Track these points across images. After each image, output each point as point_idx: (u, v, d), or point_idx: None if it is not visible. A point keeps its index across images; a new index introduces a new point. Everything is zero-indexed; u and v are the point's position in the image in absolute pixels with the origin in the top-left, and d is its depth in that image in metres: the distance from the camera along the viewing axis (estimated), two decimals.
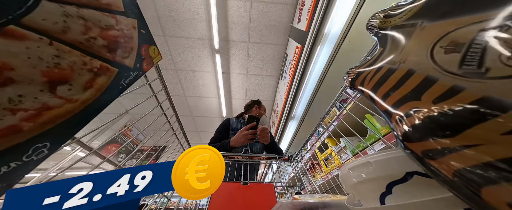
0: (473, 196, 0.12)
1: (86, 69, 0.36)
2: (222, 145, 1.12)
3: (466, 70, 0.14)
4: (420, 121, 0.16)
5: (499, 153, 0.11)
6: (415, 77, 0.18)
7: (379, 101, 0.22)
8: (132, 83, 0.48)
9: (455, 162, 0.13)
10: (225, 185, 0.86)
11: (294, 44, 2.45)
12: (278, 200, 0.79)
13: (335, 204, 0.39)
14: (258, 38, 2.89)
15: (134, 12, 0.49)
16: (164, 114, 0.83)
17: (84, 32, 0.35)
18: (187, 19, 2.53)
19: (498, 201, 0.11)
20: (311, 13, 1.69)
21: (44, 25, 0.29)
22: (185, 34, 2.70)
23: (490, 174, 0.11)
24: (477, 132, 0.12)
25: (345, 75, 0.33)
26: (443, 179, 0.14)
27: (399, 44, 0.23)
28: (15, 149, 0.27)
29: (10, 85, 0.26)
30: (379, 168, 0.26)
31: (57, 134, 0.32)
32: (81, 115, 0.35)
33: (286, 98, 2.70)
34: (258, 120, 1.09)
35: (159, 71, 0.72)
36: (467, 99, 0.13)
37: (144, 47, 0.52)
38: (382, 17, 0.29)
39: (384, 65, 0.24)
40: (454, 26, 0.17)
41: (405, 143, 0.18)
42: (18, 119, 0.26)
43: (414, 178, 0.23)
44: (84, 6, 0.36)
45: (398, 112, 0.19)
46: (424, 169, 0.16)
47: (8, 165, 0.26)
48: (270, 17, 2.67)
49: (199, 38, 2.75)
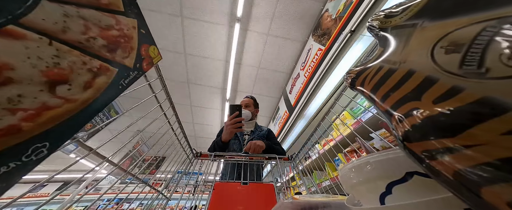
0: (473, 196, 0.12)
1: (86, 69, 0.36)
2: (216, 143, 1.14)
3: (466, 71, 0.14)
4: (420, 121, 0.16)
5: (499, 153, 0.11)
6: (415, 77, 0.18)
7: (379, 101, 0.22)
8: (132, 83, 0.48)
9: (455, 162, 0.13)
10: (225, 185, 0.86)
11: (283, 107, 3.04)
12: (278, 199, 0.79)
13: (335, 204, 0.39)
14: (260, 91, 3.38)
15: (134, 12, 0.49)
16: (164, 114, 0.82)
17: (84, 32, 0.35)
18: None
19: (498, 201, 0.11)
20: (299, 96, 2.17)
21: (43, 25, 0.29)
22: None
23: (490, 174, 0.11)
24: (477, 132, 0.12)
25: (345, 75, 0.33)
26: (443, 179, 0.15)
27: (399, 44, 0.23)
28: (14, 149, 0.26)
29: (10, 85, 0.26)
30: (379, 168, 0.26)
31: (57, 134, 0.32)
32: (81, 115, 0.35)
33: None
34: (240, 107, 1.09)
35: (159, 71, 0.72)
36: (467, 100, 0.13)
37: (144, 47, 0.52)
38: (383, 17, 0.29)
39: (384, 66, 0.24)
40: (454, 26, 0.17)
41: (405, 143, 0.18)
42: (17, 118, 0.26)
43: (414, 178, 0.23)
44: (84, 6, 0.36)
45: (398, 112, 0.19)
46: (424, 169, 0.16)
47: (7, 165, 0.26)
48: (269, 79, 3.06)
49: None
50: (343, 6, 1.88)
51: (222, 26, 2.39)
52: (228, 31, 2.46)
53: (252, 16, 2.26)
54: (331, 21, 2.06)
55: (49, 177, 0.41)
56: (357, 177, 0.28)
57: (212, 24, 2.38)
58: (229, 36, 2.50)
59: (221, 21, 2.33)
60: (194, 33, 2.45)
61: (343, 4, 1.88)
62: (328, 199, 0.43)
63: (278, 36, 2.41)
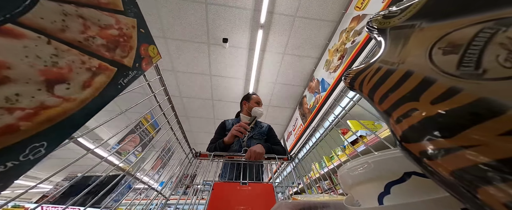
0: (470, 196, 0.12)
1: (85, 68, 0.36)
2: (218, 144, 1.15)
3: (464, 72, 0.14)
4: (418, 121, 0.16)
5: (495, 154, 0.11)
6: (414, 78, 0.18)
7: (378, 102, 0.22)
8: (131, 82, 0.47)
9: (452, 162, 0.13)
10: (225, 184, 0.86)
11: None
12: (277, 199, 0.79)
13: (334, 204, 0.39)
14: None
15: (134, 11, 0.49)
16: (163, 113, 0.82)
17: (82, 31, 0.35)
18: None
19: (495, 201, 0.11)
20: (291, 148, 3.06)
21: (42, 24, 0.29)
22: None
23: (487, 175, 0.11)
24: (474, 133, 0.12)
25: (344, 75, 0.33)
26: (440, 179, 0.15)
27: (398, 45, 0.23)
28: (12, 149, 0.26)
29: (7, 84, 0.25)
30: (377, 168, 0.26)
31: (55, 133, 0.32)
32: (79, 114, 0.35)
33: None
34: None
35: (159, 70, 0.72)
36: (465, 101, 0.13)
37: (144, 47, 0.52)
38: (381, 18, 0.29)
39: (383, 66, 0.24)
40: (452, 27, 0.17)
41: (403, 143, 0.18)
42: (15, 118, 0.26)
43: (412, 178, 0.23)
44: (83, 5, 0.35)
45: (396, 113, 0.19)
46: (421, 169, 0.16)
47: (4, 164, 0.26)
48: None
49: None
50: (312, 104, 2.53)
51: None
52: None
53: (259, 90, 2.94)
54: (307, 108, 2.76)
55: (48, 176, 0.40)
56: (355, 177, 0.29)
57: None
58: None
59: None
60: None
61: (313, 102, 2.52)
62: (327, 199, 0.43)
63: (276, 106, 3.38)
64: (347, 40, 1.83)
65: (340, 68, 1.89)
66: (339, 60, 1.92)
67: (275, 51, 2.32)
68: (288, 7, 1.83)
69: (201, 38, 2.24)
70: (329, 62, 2.14)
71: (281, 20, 1.96)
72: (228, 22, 2.04)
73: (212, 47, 2.35)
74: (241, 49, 2.33)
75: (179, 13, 2.00)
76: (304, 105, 2.84)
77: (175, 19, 2.06)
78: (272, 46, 2.27)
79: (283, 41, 2.18)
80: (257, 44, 2.15)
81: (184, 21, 2.08)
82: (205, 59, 2.53)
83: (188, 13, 2.00)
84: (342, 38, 1.94)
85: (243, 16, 1.94)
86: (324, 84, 2.22)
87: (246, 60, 2.52)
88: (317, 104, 2.32)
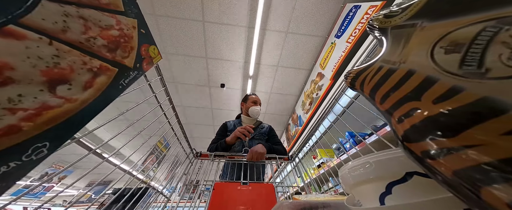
0: (473, 196, 0.12)
1: (86, 69, 0.36)
2: (219, 144, 1.16)
3: (466, 71, 0.14)
4: (420, 121, 0.16)
5: (498, 153, 0.11)
6: (415, 77, 0.18)
7: (379, 101, 0.22)
8: (132, 83, 0.48)
9: (454, 162, 0.13)
10: (225, 184, 0.86)
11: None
12: (278, 199, 0.79)
13: (334, 204, 0.39)
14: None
15: (134, 12, 0.49)
16: (164, 114, 0.83)
17: (84, 32, 0.35)
18: None
19: (497, 201, 0.11)
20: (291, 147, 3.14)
21: (43, 25, 0.29)
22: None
23: (490, 175, 0.11)
24: (476, 133, 0.12)
25: (346, 75, 0.33)
26: (442, 179, 0.14)
27: (399, 44, 0.23)
28: (15, 149, 0.26)
29: (10, 85, 0.26)
30: (378, 168, 0.26)
31: (57, 133, 0.32)
32: (81, 115, 0.35)
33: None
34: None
35: (159, 71, 0.72)
36: (467, 100, 0.13)
37: (144, 47, 0.52)
38: (382, 17, 0.29)
39: (384, 66, 0.24)
40: (454, 26, 0.17)
41: (405, 143, 0.18)
42: (17, 118, 0.26)
43: (413, 178, 0.23)
44: (84, 6, 0.36)
45: (398, 112, 0.19)
46: (423, 169, 0.16)
47: (7, 164, 0.26)
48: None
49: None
50: (294, 132, 3.00)
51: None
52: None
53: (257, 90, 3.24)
54: (290, 135, 3.22)
55: (48, 176, 0.41)
56: (357, 177, 0.28)
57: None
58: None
59: None
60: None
61: (294, 131, 2.92)
62: (327, 199, 0.43)
63: (274, 114, 3.69)
64: (314, 90, 2.30)
65: (310, 111, 2.40)
66: (309, 105, 2.44)
67: (264, 91, 3.09)
68: (272, 60, 2.56)
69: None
70: (304, 103, 2.71)
71: (266, 69, 2.70)
72: (226, 71, 2.74)
73: (212, 89, 3.01)
74: (235, 90, 3.10)
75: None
76: (289, 131, 3.53)
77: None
78: (261, 88, 3.05)
79: (269, 84, 2.96)
80: (248, 88, 2.96)
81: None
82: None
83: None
84: (312, 86, 2.43)
85: (236, 67, 2.66)
86: (300, 120, 2.81)
87: (239, 97, 3.18)
88: (296, 134, 2.92)
